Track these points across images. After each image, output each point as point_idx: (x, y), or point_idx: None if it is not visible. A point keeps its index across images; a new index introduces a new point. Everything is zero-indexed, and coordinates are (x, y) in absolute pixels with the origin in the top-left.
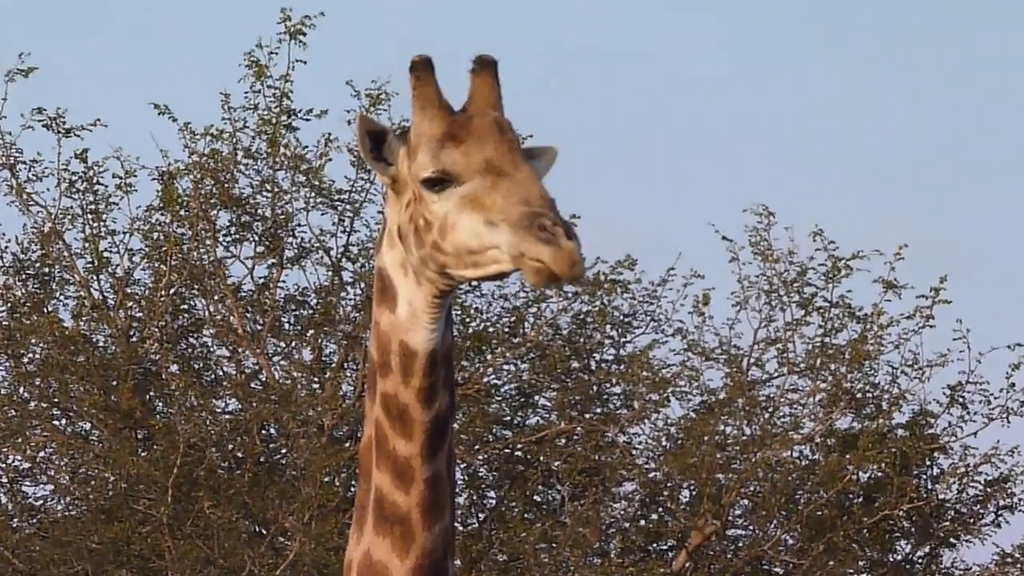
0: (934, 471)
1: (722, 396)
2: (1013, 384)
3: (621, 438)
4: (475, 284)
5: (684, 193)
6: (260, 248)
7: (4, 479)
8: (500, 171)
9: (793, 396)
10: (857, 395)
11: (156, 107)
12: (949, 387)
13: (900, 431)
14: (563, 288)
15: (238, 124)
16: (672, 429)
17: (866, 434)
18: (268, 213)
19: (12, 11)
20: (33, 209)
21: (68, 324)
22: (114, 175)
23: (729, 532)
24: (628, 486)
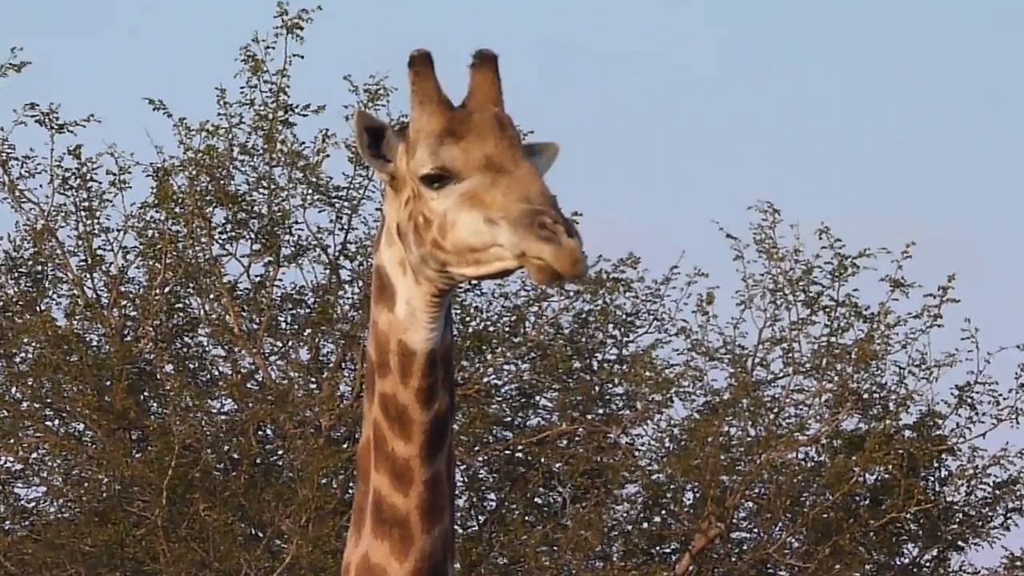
0: (942, 473)
1: (726, 397)
2: (1022, 384)
3: (623, 439)
4: (475, 283)
5: (687, 192)
6: (256, 246)
7: None
8: (500, 168)
9: (799, 397)
10: (864, 396)
11: (151, 102)
12: (957, 387)
13: (907, 432)
14: (565, 286)
15: (234, 120)
16: (675, 430)
17: (873, 435)
18: (264, 210)
19: (3, 5)
20: (26, 206)
21: (61, 323)
22: (108, 171)
23: (733, 535)
24: (631, 488)
